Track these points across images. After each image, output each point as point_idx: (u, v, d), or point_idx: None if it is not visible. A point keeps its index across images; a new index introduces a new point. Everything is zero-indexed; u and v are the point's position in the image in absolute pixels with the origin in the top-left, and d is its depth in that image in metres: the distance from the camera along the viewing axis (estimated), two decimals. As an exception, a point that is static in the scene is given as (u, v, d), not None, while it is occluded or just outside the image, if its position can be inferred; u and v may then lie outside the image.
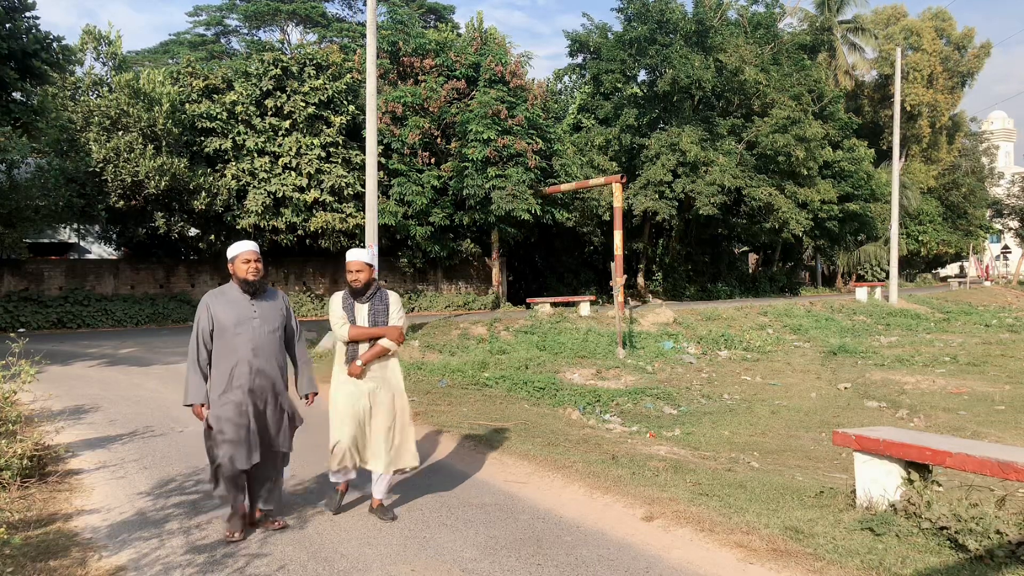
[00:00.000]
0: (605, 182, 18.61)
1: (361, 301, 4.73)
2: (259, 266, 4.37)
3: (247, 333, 4.27)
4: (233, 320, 4.26)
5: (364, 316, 4.68)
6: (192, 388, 4.22)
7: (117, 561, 3.98)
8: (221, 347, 4.25)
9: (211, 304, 4.30)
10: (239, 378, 4.23)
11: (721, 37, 25.44)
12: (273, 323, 4.41)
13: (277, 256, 23.63)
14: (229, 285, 4.40)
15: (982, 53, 43.64)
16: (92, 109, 18.83)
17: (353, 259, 4.72)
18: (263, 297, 4.43)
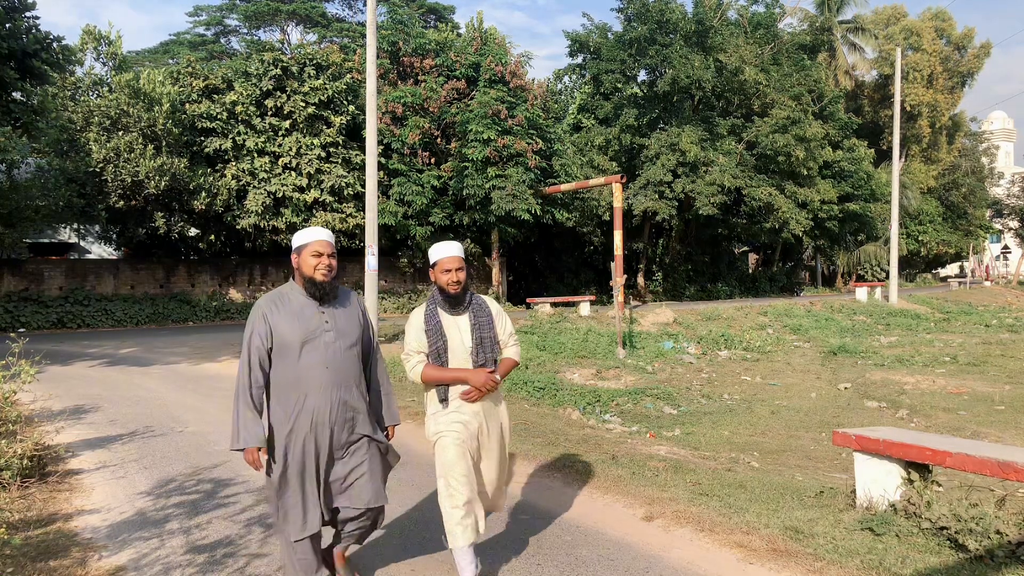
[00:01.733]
0: (605, 182, 18.62)
1: (458, 312, 3.63)
2: (333, 263, 3.30)
3: (318, 352, 3.23)
4: (300, 335, 3.21)
5: (466, 335, 3.60)
6: (242, 427, 3.15)
7: (117, 561, 3.98)
8: (283, 372, 3.22)
9: (269, 313, 3.23)
10: (309, 413, 3.21)
11: (721, 37, 25.44)
12: (350, 336, 3.36)
13: (277, 256, 23.63)
14: (290, 286, 3.36)
15: (982, 53, 43.64)
16: (92, 109, 18.84)
17: (447, 254, 3.59)
18: (335, 302, 3.37)
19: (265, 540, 4.29)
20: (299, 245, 3.31)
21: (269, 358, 3.24)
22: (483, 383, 3.54)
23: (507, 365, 3.71)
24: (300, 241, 3.32)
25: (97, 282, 21.13)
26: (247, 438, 3.14)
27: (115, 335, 17.44)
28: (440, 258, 3.60)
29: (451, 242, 3.66)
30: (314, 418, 3.21)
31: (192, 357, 13.08)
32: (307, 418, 3.21)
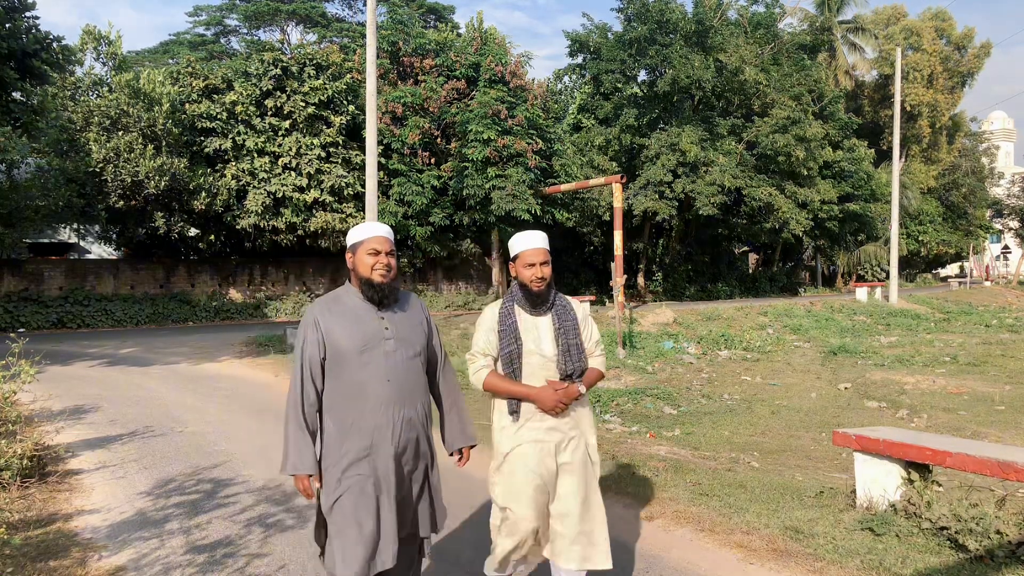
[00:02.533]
0: (605, 182, 18.62)
1: (540, 313, 3.16)
2: (392, 262, 2.93)
3: (378, 362, 2.84)
4: (358, 343, 2.83)
5: (546, 340, 3.13)
6: (293, 449, 2.78)
7: (117, 561, 3.98)
8: (340, 385, 2.83)
9: (322, 319, 2.86)
10: (368, 433, 2.81)
11: (721, 37, 25.44)
12: (414, 345, 2.96)
13: (277, 256, 23.63)
14: (345, 289, 2.98)
15: (982, 53, 43.63)
16: (92, 109, 18.84)
17: (531, 245, 3.13)
18: (395, 306, 2.98)
19: (265, 540, 4.29)
20: (354, 242, 2.94)
21: (323, 370, 2.85)
22: (552, 406, 3.05)
23: (592, 376, 3.22)
24: (355, 238, 2.95)
25: (97, 282, 21.13)
26: (297, 463, 2.77)
27: (115, 335, 17.44)
28: (523, 250, 3.14)
29: (535, 231, 3.20)
30: (374, 439, 2.81)
31: (192, 357, 13.08)
32: (365, 439, 2.80)
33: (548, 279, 3.14)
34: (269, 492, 5.20)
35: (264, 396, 9.39)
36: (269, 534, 4.38)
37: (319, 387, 2.85)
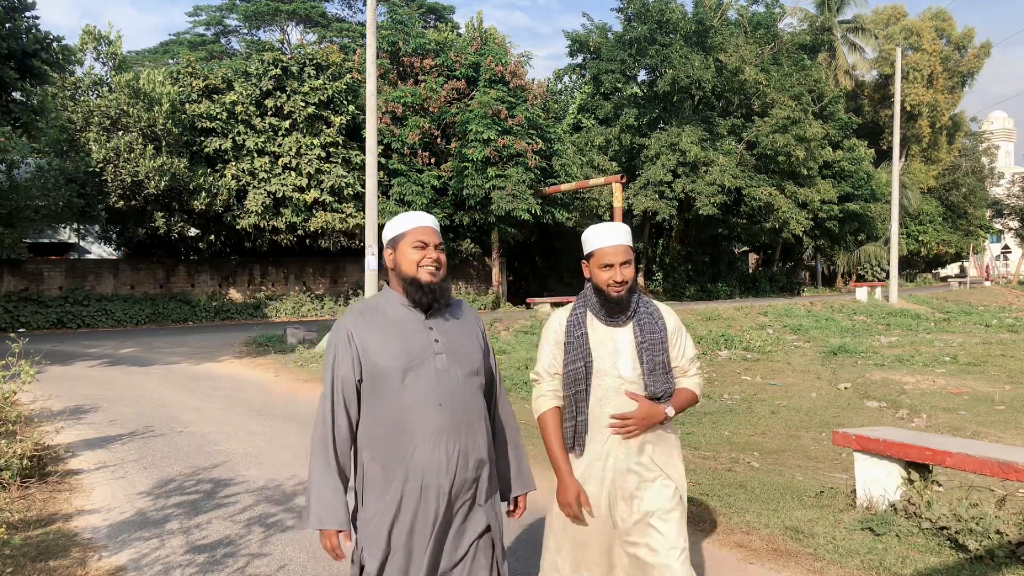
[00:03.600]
0: (605, 182, 18.62)
1: (618, 323, 2.61)
2: (442, 256, 2.40)
3: (427, 382, 2.27)
4: (401, 359, 2.27)
5: (625, 356, 2.57)
6: (319, 497, 2.22)
7: (117, 561, 3.98)
8: (380, 413, 2.26)
9: (357, 332, 2.31)
10: (418, 473, 2.23)
11: (721, 37, 25.46)
12: (470, 360, 2.39)
13: (277, 256, 23.63)
14: (383, 295, 2.45)
15: (982, 53, 43.65)
16: (92, 109, 18.85)
17: (609, 242, 2.57)
18: (446, 313, 2.43)
19: (265, 540, 4.29)
20: (394, 236, 2.41)
21: (358, 395, 2.29)
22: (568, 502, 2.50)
23: (683, 398, 2.62)
24: (395, 230, 2.42)
25: (97, 282, 21.13)
26: (324, 515, 2.19)
27: (115, 335, 17.44)
28: (598, 247, 2.58)
29: (614, 224, 2.63)
30: (424, 480, 2.22)
31: (192, 357, 13.09)
32: (415, 481, 2.22)
33: (630, 283, 2.57)
34: (269, 492, 5.20)
35: (264, 396, 9.39)
36: (269, 534, 4.38)
37: (353, 416, 2.30)
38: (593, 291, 2.64)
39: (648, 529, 2.47)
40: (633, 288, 2.61)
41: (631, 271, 2.57)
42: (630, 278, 2.57)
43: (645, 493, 2.50)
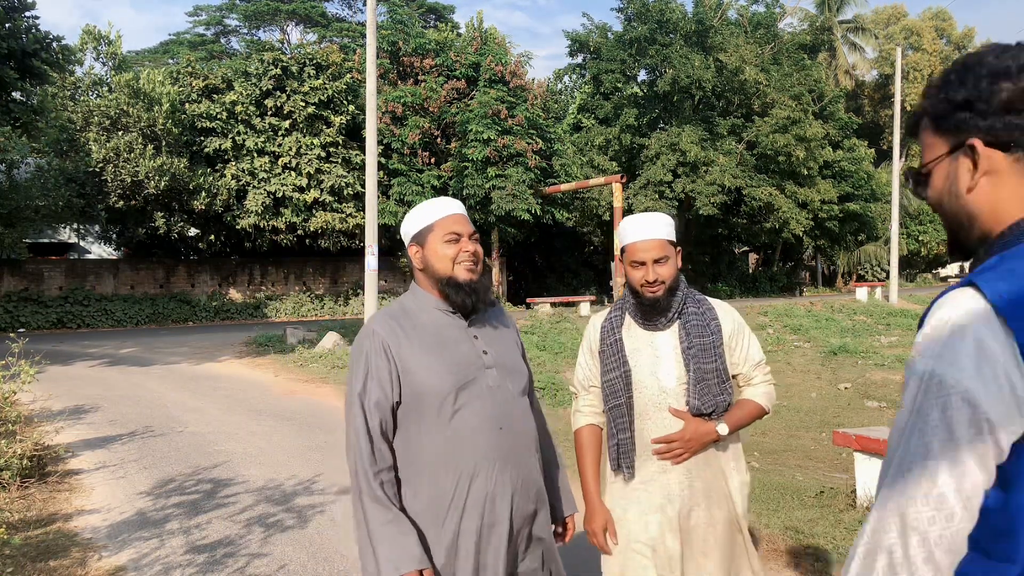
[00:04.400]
0: (605, 182, 18.62)
1: (658, 327, 2.30)
2: (478, 249, 2.05)
3: (481, 402, 1.95)
4: (452, 376, 1.93)
5: (667, 363, 2.26)
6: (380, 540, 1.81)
7: (117, 561, 3.98)
8: (425, 440, 1.92)
9: (393, 343, 1.94)
10: (478, 510, 1.91)
11: (721, 37, 25.45)
12: (520, 374, 2.09)
13: (277, 256, 23.63)
14: (412, 297, 2.07)
15: (982, 53, 43.63)
16: (92, 109, 18.85)
17: (643, 235, 2.24)
18: (486, 316, 2.11)
19: (265, 540, 4.29)
20: (420, 229, 2.03)
21: (395, 420, 1.93)
22: (594, 530, 2.28)
23: (744, 411, 2.28)
24: (420, 222, 2.04)
25: (97, 282, 21.13)
26: (398, 557, 1.78)
27: (115, 335, 17.44)
28: (630, 241, 2.26)
29: (651, 215, 2.29)
30: (485, 519, 1.89)
31: (192, 357, 13.09)
32: (472, 520, 1.89)
33: (668, 282, 2.23)
34: (269, 492, 5.20)
35: (264, 396, 9.39)
36: (269, 534, 4.38)
37: (391, 444, 1.93)
38: (630, 292, 2.33)
39: (697, 562, 2.20)
40: (674, 288, 2.26)
41: (668, 269, 2.23)
42: (667, 277, 2.23)
43: (698, 521, 2.21)
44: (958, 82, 1.09)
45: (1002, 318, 0.95)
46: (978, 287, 0.98)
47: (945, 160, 1.12)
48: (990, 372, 0.94)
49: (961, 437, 0.94)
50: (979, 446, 0.94)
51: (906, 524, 0.95)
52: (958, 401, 0.95)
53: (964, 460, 0.94)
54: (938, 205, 1.17)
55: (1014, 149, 1.05)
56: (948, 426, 0.95)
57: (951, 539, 0.94)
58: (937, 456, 0.95)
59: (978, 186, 1.08)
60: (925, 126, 1.16)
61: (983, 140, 1.06)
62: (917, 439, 0.97)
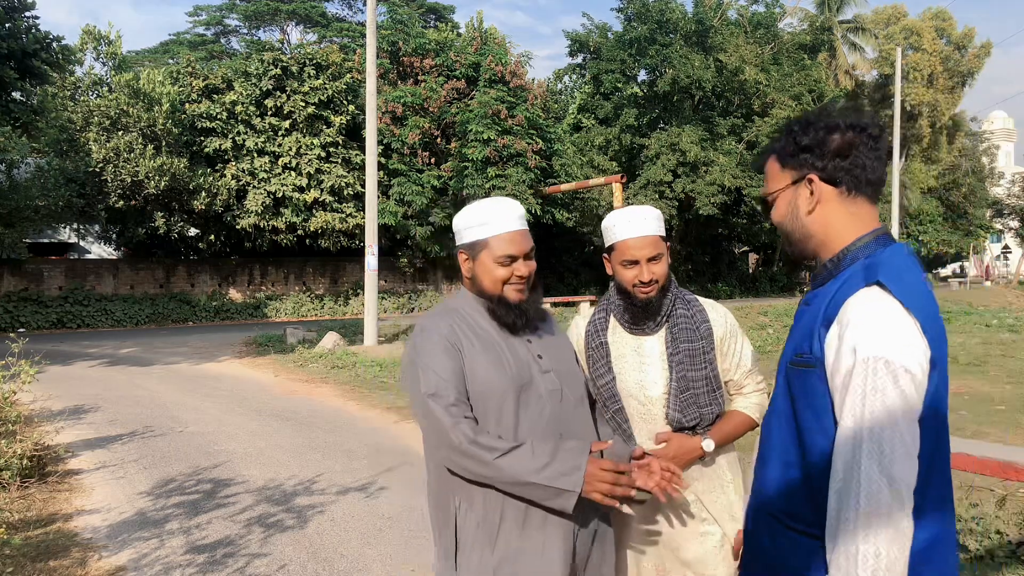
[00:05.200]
0: (605, 182, 18.62)
1: (645, 331, 2.15)
2: (532, 267, 1.92)
3: (541, 406, 1.84)
4: (512, 377, 1.83)
5: (656, 369, 2.11)
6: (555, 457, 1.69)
7: (117, 561, 3.98)
8: None
9: (454, 340, 1.84)
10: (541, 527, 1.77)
11: (721, 37, 25.45)
12: (579, 382, 1.99)
13: (277, 256, 23.63)
14: (463, 300, 1.96)
15: (982, 53, 43.63)
16: (92, 109, 18.85)
17: (635, 232, 2.08)
18: (539, 328, 1.99)
19: (265, 540, 4.29)
20: (473, 241, 1.90)
21: None
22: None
23: (732, 424, 2.14)
24: (475, 233, 1.90)
25: (97, 282, 21.13)
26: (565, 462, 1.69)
27: (115, 335, 17.44)
28: (620, 239, 2.10)
29: (642, 209, 2.12)
30: (548, 533, 1.77)
31: (192, 357, 13.09)
32: (535, 536, 1.76)
33: (662, 281, 2.08)
34: (269, 492, 5.20)
35: (264, 396, 9.39)
36: (269, 534, 4.38)
37: None
38: (617, 292, 2.17)
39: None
40: (666, 287, 2.12)
41: (662, 268, 2.08)
42: (661, 276, 2.08)
43: (685, 541, 2.05)
44: (802, 131, 1.43)
45: (907, 309, 1.27)
46: (886, 287, 1.28)
47: (789, 189, 1.46)
48: (914, 347, 1.26)
49: (912, 400, 1.24)
50: (919, 405, 1.26)
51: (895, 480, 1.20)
52: (904, 373, 1.23)
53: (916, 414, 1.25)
54: (780, 224, 1.50)
55: (840, 185, 1.40)
56: (903, 393, 1.23)
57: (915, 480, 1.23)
58: (903, 419, 1.22)
59: (815, 212, 1.42)
60: (772, 162, 1.51)
61: (819, 176, 1.41)
62: (881, 412, 1.22)
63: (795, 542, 1.34)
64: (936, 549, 1.29)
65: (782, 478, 1.41)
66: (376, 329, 13.64)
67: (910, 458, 1.22)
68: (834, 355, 1.28)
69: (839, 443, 1.26)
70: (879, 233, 1.41)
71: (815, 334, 1.34)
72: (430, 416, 1.74)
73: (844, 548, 1.22)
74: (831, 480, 1.27)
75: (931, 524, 1.29)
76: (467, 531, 1.78)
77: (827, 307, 1.34)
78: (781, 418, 1.44)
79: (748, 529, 1.53)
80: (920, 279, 1.36)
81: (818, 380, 1.32)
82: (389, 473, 5.70)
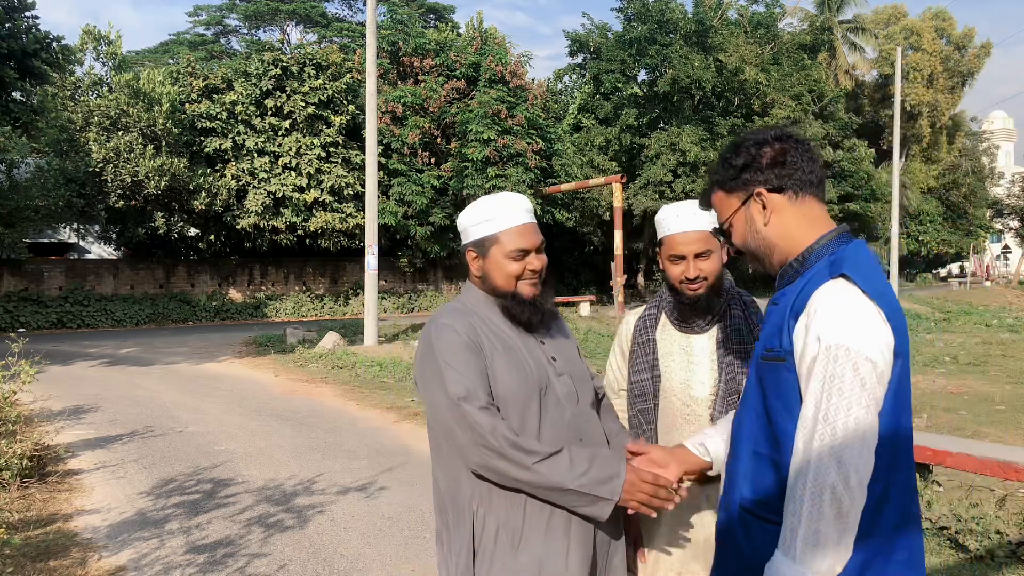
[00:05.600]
0: (605, 182, 18.62)
1: (695, 329, 2.09)
2: (544, 261, 1.88)
3: (559, 411, 1.79)
4: (531, 381, 1.78)
5: (704, 369, 2.05)
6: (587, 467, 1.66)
7: (117, 561, 3.98)
8: None
9: (476, 340, 1.77)
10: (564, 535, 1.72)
11: (721, 37, 25.46)
12: (589, 382, 1.95)
13: (277, 256, 23.63)
14: (473, 298, 1.91)
15: (982, 53, 43.62)
16: (92, 109, 18.85)
17: (683, 227, 2.02)
18: (546, 324, 1.94)
19: (265, 540, 4.29)
20: (482, 237, 1.86)
21: None
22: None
23: None
24: (484, 229, 1.85)
25: (97, 282, 21.13)
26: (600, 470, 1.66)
27: (115, 335, 17.44)
28: (669, 233, 2.06)
29: (692, 204, 1.99)
30: (572, 541, 1.72)
31: (192, 357, 13.09)
32: (558, 542, 1.71)
33: (711, 279, 2.01)
34: (269, 492, 5.20)
35: (264, 396, 9.39)
36: (269, 534, 4.38)
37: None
38: (667, 288, 2.15)
39: None
40: (717, 286, 2.04)
41: (712, 265, 2.01)
42: (710, 273, 2.01)
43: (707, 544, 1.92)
44: (735, 154, 1.51)
45: (871, 299, 1.32)
46: (850, 278, 1.33)
47: (741, 210, 1.52)
48: (877, 336, 1.29)
49: (870, 387, 1.26)
50: (879, 392, 1.28)
51: (843, 462, 1.23)
52: (864, 360, 1.26)
53: (875, 403, 1.27)
54: (744, 245, 1.55)
55: (786, 191, 1.47)
56: (861, 380, 1.26)
57: (869, 465, 1.25)
58: (857, 404, 1.25)
59: (770, 222, 1.48)
60: (717, 193, 1.57)
61: (765, 188, 1.47)
62: (837, 397, 1.26)
63: (769, 532, 1.36)
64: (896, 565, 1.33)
65: (753, 470, 1.44)
66: (376, 329, 13.64)
67: (864, 443, 1.24)
68: (801, 344, 1.34)
69: (799, 425, 1.31)
70: (841, 231, 1.47)
71: (784, 327, 1.39)
72: (464, 420, 1.65)
73: (788, 522, 1.29)
74: (792, 458, 1.32)
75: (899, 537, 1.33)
76: (487, 537, 1.71)
77: (795, 301, 1.39)
78: (752, 412, 1.47)
79: (721, 527, 1.53)
80: (881, 273, 1.42)
81: (788, 372, 1.37)
82: (389, 473, 5.70)
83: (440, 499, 1.80)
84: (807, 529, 1.25)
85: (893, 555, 1.31)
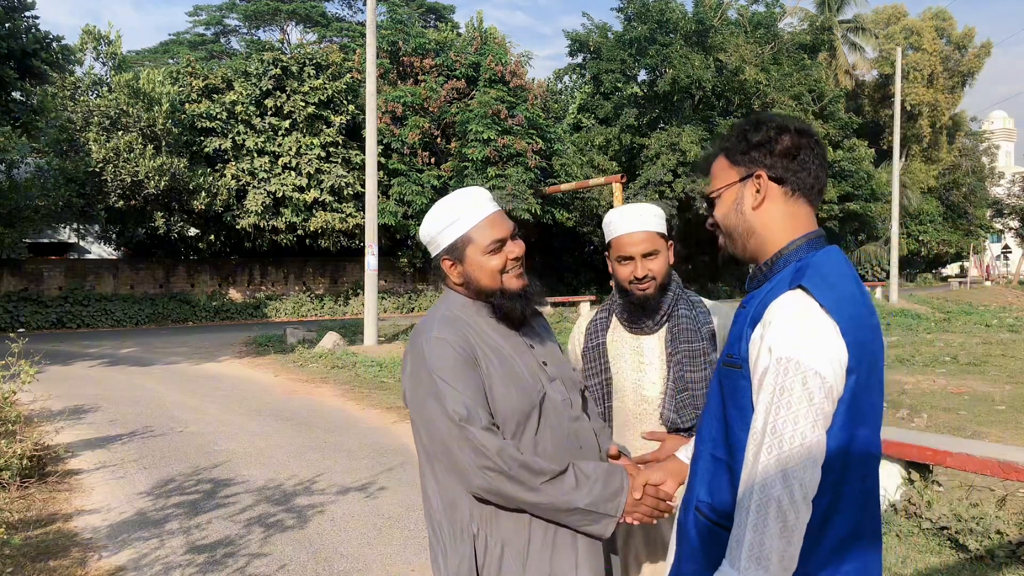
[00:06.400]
0: (605, 182, 18.61)
1: (644, 330, 2.13)
2: (523, 248, 1.79)
3: (557, 419, 1.74)
4: (528, 393, 1.70)
5: (654, 368, 2.09)
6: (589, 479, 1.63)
7: (117, 561, 3.98)
8: None
9: (471, 353, 1.67)
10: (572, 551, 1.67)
11: (721, 37, 25.45)
12: (576, 384, 1.88)
13: (277, 256, 23.63)
14: (460, 305, 1.78)
15: (982, 53, 43.63)
16: (92, 109, 18.85)
17: (630, 228, 2.06)
18: (531, 324, 1.87)
19: (265, 540, 4.29)
20: (455, 240, 1.74)
21: None
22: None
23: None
24: (454, 232, 1.74)
25: (97, 282, 21.13)
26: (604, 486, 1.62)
27: (115, 335, 17.44)
28: (617, 235, 2.07)
29: (640, 206, 2.10)
30: (580, 556, 1.67)
31: (192, 357, 13.08)
32: (566, 557, 1.66)
33: (659, 279, 2.04)
34: (269, 492, 5.20)
35: (264, 396, 9.39)
36: (269, 534, 4.38)
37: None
38: (616, 290, 2.15)
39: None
40: (665, 285, 2.07)
41: (659, 264, 2.05)
42: (658, 273, 2.04)
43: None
44: (754, 130, 1.48)
45: (827, 312, 1.28)
46: (808, 290, 1.30)
47: (736, 185, 1.51)
48: (828, 351, 1.26)
49: (818, 402, 1.24)
50: (827, 407, 1.26)
51: (788, 476, 1.22)
52: (813, 375, 1.24)
53: (822, 418, 1.25)
54: (723, 219, 1.57)
55: (785, 185, 1.45)
56: (809, 395, 1.24)
57: (815, 480, 1.23)
58: (804, 419, 1.24)
59: (760, 207, 1.47)
60: (721, 159, 1.56)
61: (767, 174, 1.45)
62: (785, 410, 1.25)
63: (722, 539, 1.35)
64: None
65: (710, 473, 1.44)
66: (376, 329, 13.64)
67: (809, 458, 1.23)
68: (756, 354, 1.33)
69: (750, 437, 1.31)
70: (812, 237, 1.44)
71: (743, 335, 1.38)
72: (467, 443, 1.56)
73: (735, 533, 1.29)
74: (742, 469, 1.32)
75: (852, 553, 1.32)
76: (491, 557, 1.63)
77: (755, 309, 1.38)
78: (712, 416, 1.47)
79: (680, 525, 1.54)
80: (850, 283, 1.37)
81: (743, 380, 1.36)
82: (389, 473, 5.70)
83: (433, 516, 1.71)
84: (752, 542, 1.24)
85: (840, 569, 1.30)
